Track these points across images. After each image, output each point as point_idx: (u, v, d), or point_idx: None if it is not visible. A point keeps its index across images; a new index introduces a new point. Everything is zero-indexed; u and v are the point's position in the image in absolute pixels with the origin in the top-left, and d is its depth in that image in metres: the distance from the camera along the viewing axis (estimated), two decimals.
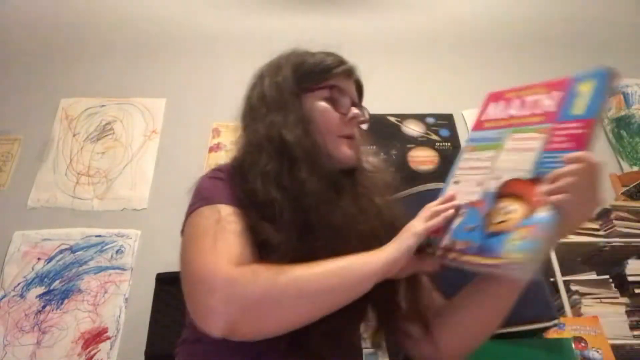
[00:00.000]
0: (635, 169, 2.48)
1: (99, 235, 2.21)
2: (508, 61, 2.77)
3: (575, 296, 1.87)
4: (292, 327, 0.64)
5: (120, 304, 2.05)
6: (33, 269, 2.12)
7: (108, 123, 2.54)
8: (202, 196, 0.74)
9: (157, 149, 2.46)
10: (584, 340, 1.64)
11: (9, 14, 2.86)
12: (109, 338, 1.98)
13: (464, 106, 2.57)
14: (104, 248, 2.18)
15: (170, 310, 1.85)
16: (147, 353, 1.81)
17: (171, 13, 2.90)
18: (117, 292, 2.07)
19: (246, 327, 0.61)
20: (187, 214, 0.74)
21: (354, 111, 0.85)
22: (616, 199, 2.22)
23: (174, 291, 1.88)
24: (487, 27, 2.96)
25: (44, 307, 2.04)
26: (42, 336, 1.97)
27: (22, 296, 2.06)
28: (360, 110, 0.87)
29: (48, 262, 2.14)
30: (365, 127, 0.91)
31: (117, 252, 2.17)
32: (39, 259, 2.14)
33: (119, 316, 2.02)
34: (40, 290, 2.07)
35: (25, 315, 2.02)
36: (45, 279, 2.10)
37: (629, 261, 1.96)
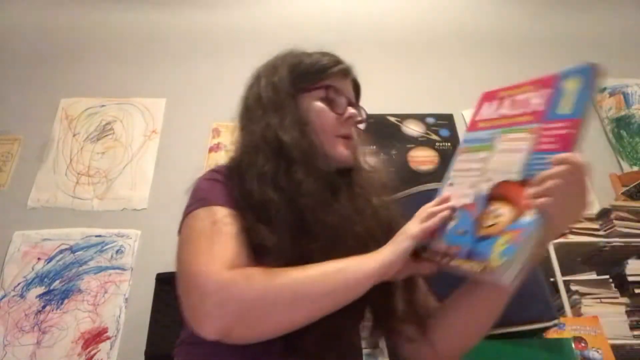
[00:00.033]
0: (635, 169, 2.48)
1: (99, 235, 2.21)
2: (508, 61, 2.76)
3: (575, 296, 1.86)
4: (288, 330, 0.63)
5: (120, 304, 2.05)
6: (33, 269, 2.12)
7: (108, 123, 2.54)
8: (199, 197, 0.74)
9: (157, 149, 2.46)
10: (584, 340, 1.64)
11: (10, 15, 2.86)
12: (109, 338, 1.98)
13: (464, 106, 2.57)
14: (104, 248, 2.18)
15: (170, 310, 1.84)
16: (147, 353, 1.81)
17: (171, 13, 2.90)
18: (117, 292, 2.07)
19: (241, 331, 0.61)
20: (183, 215, 0.74)
21: (351, 111, 0.84)
22: (616, 199, 2.21)
23: (174, 291, 1.86)
24: (488, 27, 2.96)
25: (44, 307, 2.04)
26: (42, 336, 1.97)
27: (22, 296, 2.06)
28: (357, 110, 0.87)
29: (48, 262, 2.14)
30: (362, 126, 0.91)
31: (117, 252, 2.17)
32: (39, 259, 2.14)
33: (119, 316, 2.02)
34: (40, 290, 2.07)
35: (25, 315, 2.02)
36: (45, 279, 2.10)
37: (629, 261, 1.96)
